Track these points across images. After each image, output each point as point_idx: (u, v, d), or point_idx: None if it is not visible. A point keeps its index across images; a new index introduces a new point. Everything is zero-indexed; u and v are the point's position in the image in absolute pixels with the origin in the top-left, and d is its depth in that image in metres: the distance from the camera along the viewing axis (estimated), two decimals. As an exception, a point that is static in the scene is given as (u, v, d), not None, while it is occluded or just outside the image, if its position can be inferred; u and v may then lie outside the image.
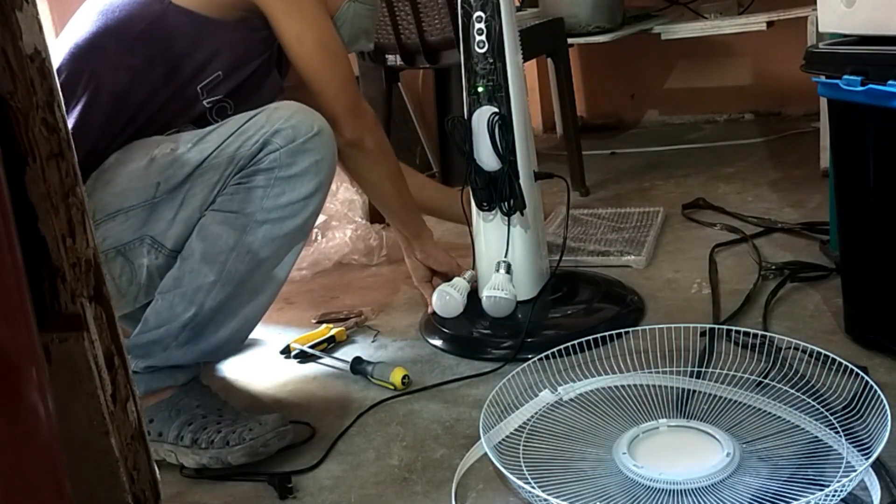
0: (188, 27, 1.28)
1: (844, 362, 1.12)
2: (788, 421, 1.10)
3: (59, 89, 0.74)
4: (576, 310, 1.53)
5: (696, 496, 0.97)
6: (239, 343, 1.36)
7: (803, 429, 1.08)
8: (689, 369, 1.23)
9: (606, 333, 1.32)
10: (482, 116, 1.43)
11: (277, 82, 1.43)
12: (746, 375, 1.20)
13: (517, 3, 2.65)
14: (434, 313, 1.56)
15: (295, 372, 1.51)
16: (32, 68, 0.71)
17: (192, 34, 1.28)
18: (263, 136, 1.19)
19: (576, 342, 1.28)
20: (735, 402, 1.15)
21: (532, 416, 1.19)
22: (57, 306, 0.75)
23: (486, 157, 1.45)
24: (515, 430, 1.16)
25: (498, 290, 1.47)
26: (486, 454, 1.11)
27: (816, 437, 1.06)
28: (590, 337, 1.30)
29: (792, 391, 1.14)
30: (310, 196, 1.23)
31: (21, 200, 0.73)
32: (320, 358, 1.53)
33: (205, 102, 1.31)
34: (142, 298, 1.24)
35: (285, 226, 1.22)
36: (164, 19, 1.27)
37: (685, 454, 1.07)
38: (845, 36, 1.24)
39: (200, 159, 1.20)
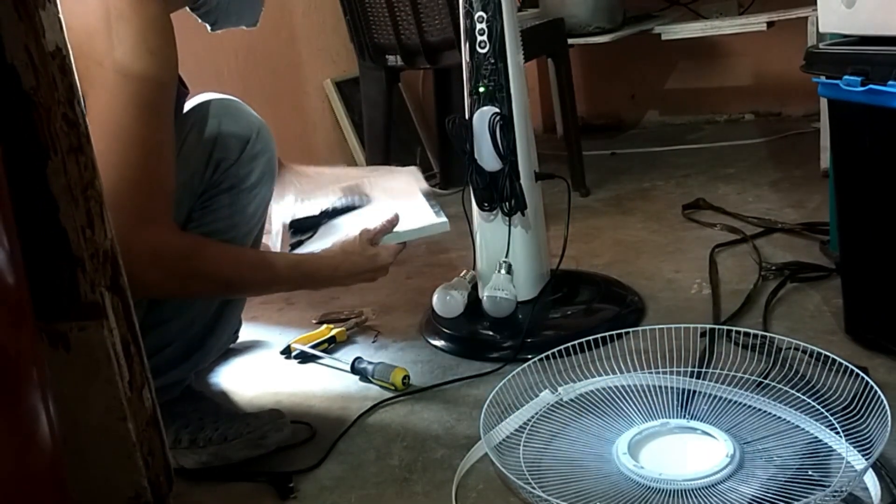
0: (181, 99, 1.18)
1: (844, 362, 1.12)
2: (789, 421, 1.10)
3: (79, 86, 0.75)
4: (576, 310, 1.53)
5: (696, 496, 0.97)
6: (227, 343, 1.35)
7: (804, 429, 1.08)
8: (690, 370, 1.23)
9: (606, 334, 1.32)
10: (483, 116, 1.43)
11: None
12: (747, 376, 1.19)
13: (517, 4, 2.65)
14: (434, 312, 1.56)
15: (295, 372, 1.51)
16: (54, 65, 0.73)
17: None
18: (209, 153, 1.14)
19: (576, 342, 1.28)
20: (735, 402, 1.15)
21: (532, 417, 1.19)
22: (77, 295, 0.77)
23: (487, 158, 1.45)
24: (516, 430, 1.16)
25: (498, 291, 1.47)
26: (486, 454, 1.11)
27: (817, 437, 1.06)
28: (590, 337, 1.30)
29: (792, 391, 1.13)
30: (268, 194, 1.23)
31: (43, 193, 0.75)
32: (321, 358, 1.53)
33: None
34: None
35: (255, 228, 1.23)
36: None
37: (685, 454, 1.07)
38: (845, 36, 1.24)
39: None
